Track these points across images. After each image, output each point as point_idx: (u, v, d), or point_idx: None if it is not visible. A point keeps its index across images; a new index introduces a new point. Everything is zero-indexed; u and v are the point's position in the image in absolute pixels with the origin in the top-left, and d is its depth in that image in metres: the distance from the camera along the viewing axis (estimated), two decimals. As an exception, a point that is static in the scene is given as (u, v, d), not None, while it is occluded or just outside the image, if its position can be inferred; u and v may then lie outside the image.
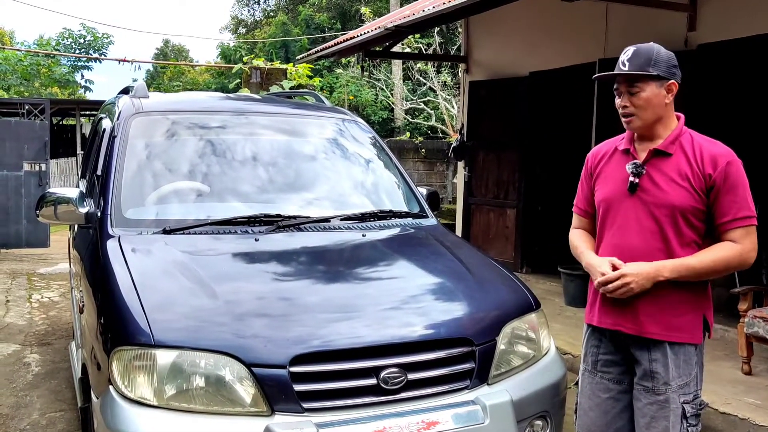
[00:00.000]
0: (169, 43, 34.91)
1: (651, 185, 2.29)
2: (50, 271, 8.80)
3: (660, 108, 2.29)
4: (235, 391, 2.24)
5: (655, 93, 2.26)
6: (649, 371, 2.31)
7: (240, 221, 3.08)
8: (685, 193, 2.25)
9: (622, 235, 2.33)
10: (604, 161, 2.47)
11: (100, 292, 2.70)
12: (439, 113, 18.10)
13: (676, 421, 2.28)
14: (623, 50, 2.32)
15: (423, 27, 8.43)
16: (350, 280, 2.84)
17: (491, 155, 8.50)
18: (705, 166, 2.24)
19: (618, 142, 2.46)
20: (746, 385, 4.41)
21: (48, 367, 4.97)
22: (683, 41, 5.89)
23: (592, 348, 2.49)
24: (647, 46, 2.30)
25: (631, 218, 2.32)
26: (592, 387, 2.48)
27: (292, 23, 25.24)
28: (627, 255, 2.30)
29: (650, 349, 2.31)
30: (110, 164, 3.29)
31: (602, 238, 2.42)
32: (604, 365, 2.45)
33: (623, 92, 2.30)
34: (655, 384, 2.30)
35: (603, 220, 2.42)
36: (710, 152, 2.27)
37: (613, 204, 2.37)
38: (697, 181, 2.25)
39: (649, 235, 2.28)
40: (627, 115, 2.31)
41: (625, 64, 2.28)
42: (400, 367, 2.34)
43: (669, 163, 2.29)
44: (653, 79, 2.25)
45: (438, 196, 4.03)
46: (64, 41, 25.77)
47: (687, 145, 2.30)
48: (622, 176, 2.36)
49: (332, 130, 3.99)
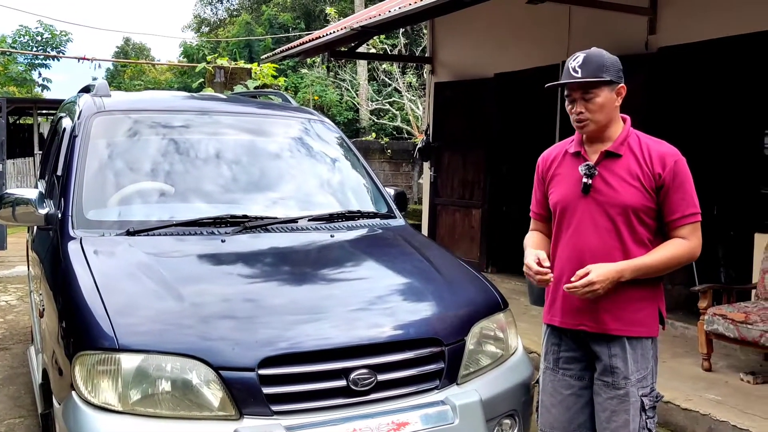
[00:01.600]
0: (130, 41, 34.32)
1: (604, 186, 2.36)
2: (7, 274, 8.56)
3: (611, 111, 2.37)
4: (203, 395, 2.21)
5: (608, 97, 2.34)
6: (609, 366, 2.37)
7: (206, 222, 3.03)
8: (636, 192, 2.33)
9: (579, 235, 2.40)
10: (556, 164, 2.53)
11: (62, 296, 2.63)
12: (405, 114, 18.15)
13: (635, 414, 2.35)
14: (571, 57, 2.37)
15: (389, 28, 8.44)
16: (319, 281, 2.82)
17: (457, 156, 8.54)
18: (654, 165, 2.33)
19: (567, 145, 2.52)
20: (707, 382, 4.50)
21: (6, 373, 4.83)
22: (644, 44, 6.01)
23: (552, 346, 2.54)
24: (596, 52, 2.36)
25: (587, 219, 2.38)
26: (554, 384, 2.53)
27: (255, 23, 25.05)
28: (586, 254, 2.36)
29: (610, 345, 2.37)
30: (71, 164, 3.21)
31: (559, 238, 2.48)
32: (565, 362, 2.50)
33: (577, 99, 2.35)
34: (615, 379, 2.37)
35: (559, 222, 2.48)
36: (658, 152, 2.36)
37: (569, 206, 2.43)
38: (647, 180, 2.33)
39: (605, 234, 2.35)
40: (582, 120, 2.37)
41: (576, 71, 2.32)
42: (369, 368, 2.33)
43: (619, 164, 2.36)
44: (606, 84, 2.32)
45: (405, 197, 4.03)
46: (20, 39, 25.14)
47: (635, 145, 2.38)
48: (574, 178, 2.42)
49: (299, 130, 3.96)
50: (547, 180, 2.55)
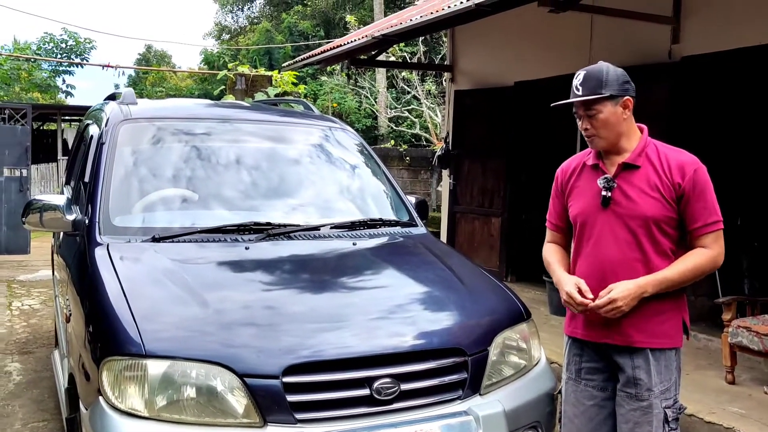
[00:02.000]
0: (151, 48, 34.71)
1: (623, 198, 2.36)
2: (30, 278, 8.67)
3: (619, 125, 2.36)
4: (227, 401, 2.22)
5: (611, 112, 2.34)
6: (633, 378, 2.36)
7: (230, 229, 3.06)
8: (656, 203, 2.32)
9: (600, 247, 2.39)
10: (575, 177, 2.53)
11: (89, 301, 2.66)
12: (423, 121, 18.16)
13: (658, 425, 2.35)
14: (576, 74, 2.39)
15: (409, 36, 8.46)
16: (343, 289, 2.83)
17: (476, 164, 8.53)
18: (673, 175, 2.32)
19: (585, 157, 2.52)
20: (730, 395, 4.45)
21: (30, 376, 4.89)
22: (667, 53, 5.97)
23: (574, 357, 2.54)
24: (596, 68, 2.37)
25: (607, 231, 2.37)
26: (576, 395, 2.52)
27: (275, 30, 25.22)
28: (607, 267, 2.36)
29: (633, 357, 2.37)
30: (98, 171, 3.25)
31: (580, 251, 2.48)
32: (587, 373, 2.50)
33: (582, 116, 2.38)
34: (639, 390, 2.36)
35: (579, 235, 2.47)
36: (677, 161, 2.35)
37: (588, 218, 2.43)
38: (666, 190, 2.32)
39: (626, 246, 2.34)
40: (589, 136, 2.39)
41: (578, 89, 2.35)
42: (393, 377, 2.33)
43: (638, 175, 2.36)
44: (607, 99, 2.33)
45: (427, 205, 4.03)
46: (45, 45, 25.53)
47: (653, 155, 2.37)
48: (594, 191, 2.42)
49: (321, 138, 3.98)
50: (566, 192, 2.56)
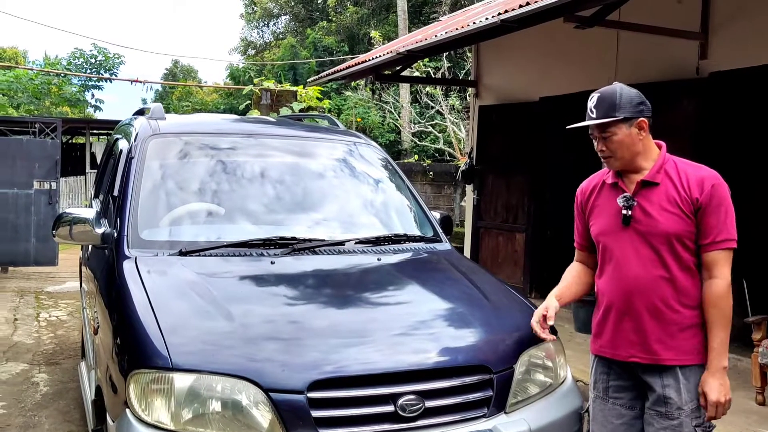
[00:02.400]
0: (178, 63, 35.25)
1: (643, 216, 2.36)
2: (58, 290, 8.80)
3: (635, 145, 2.37)
4: (252, 416, 2.22)
5: (626, 134, 2.35)
6: (663, 396, 2.34)
7: (256, 243, 3.08)
8: (677, 219, 2.31)
9: (623, 266, 2.39)
10: (594, 195, 2.54)
11: (117, 313, 2.69)
12: (447, 136, 18.16)
13: None
14: (590, 97, 2.41)
15: (434, 52, 8.50)
16: (367, 304, 2.82)
17: (500, 179, 8.50)
18: (692, 190, 2.31)
19: (605, 176, 2.53)
20: (760, 416, 4.35)
21: (56, 387, 4.95)
22: (695, 69, 5.92)
23: (601, 375, 2.51)
24: (609, 90, 2.38)
25: (629, 249, 2.37)
26: (604, 413, 2.49)
27: (300, 46, 25.47)
28: (632, 286, 2.36)
29: (662, 375, 2.34)
30: (127, 185, 3.30)
31: (604, 271, 2.48)
32: (615, 391, 2.47)
33: (597, 137, 2.39)
34: (669, 409, 2.33)
35: (603, 254, 2.48)
36: (696, 176, 2.34)
37: (610, 237, 2.43)
38: (686, 205, 2.31)
39: (649, 264, 2.34)
40: (605, 157, 2.41)
41: (593, 111, 2.37)
42: (417, 394, 2.32)
43: (657, 192, 2.36)
44: (621, 122, 2.34)
45: (451, 221, 4.02)
46: (75, 61, 26.03)
47: (672, 172, 2.37)
48: (614, 210, 2.43)
49: (346, 153, 4.01)
50: (587, 212, 2.57)
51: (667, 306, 2.33)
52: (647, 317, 2.35)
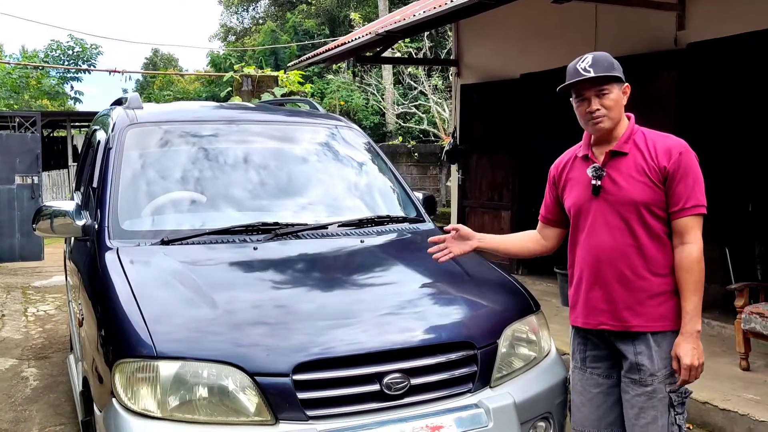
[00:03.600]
0: (158, 52, 34.90)
1: (612, 185, 2.40)
2: (45, 284, 8.76)
3: (621, 108, 2.42)
4: (239, 400, 2.24)
5: (618, 95, 2.40)
6: (635, 364, 2.39)
7: (238, 230, 3.08)
8: (644, 188, 2.35)
9: (593, 236, 2.44)
10: (567, 170, 2.59)
11: (100, 305, 2.69)
12: (431, 117, 18.14)
13: (663, 410, 2.37)
14: (578, 59, 2.41)
15: (414, 31, 8.45)
16: (350, 286, 2.84)
17: (484, 158, 8.52)
18: (660, 159, 2.35)
19: (576, 150, 2.58)
20: (745, 381, 4.43)
21: (46, 381, 4.94)
22: (673, 40, 5.93)
23: (579, 346, 2.58)
24: (603, 53, 2.42)
25: (599, 219, 2.42)
26: (582, 383, 2.56)
27: (280, 30, 25.27)
28: (601, 255, 2.41)
29: (634, 342, 2.40)
30: (106, 176, 3.28)
31: (576, 242, 2.53)
32: (592, 361, 2.54)
33: (590, 96, 2.39)
34: (642, 376, 2.38)
35: (575, 225, 2.53)
36: (664, 145, 2.38)
37: (582, 208, 2.48)
38: (654, 173, 2.35)
39: (618, 232, 2.39)
40: (597, 117, 2.39)
41: (587, 70, 2.36)
42: (402, 372, 2.35)
43: (626, 162, 2.40)
44: (617, 81, 2.39)
45: (434, 201, 4.03)
46: (52, 53, 25.71)
47: (640, 141, 2.41)
48: (585, 181, 2.47)
49: (327, 137, 4.00)
50: (560, 186, 2.61)
51: (635, 274, 2.37)
52: (616, 285, 2.39)
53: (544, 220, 2.75)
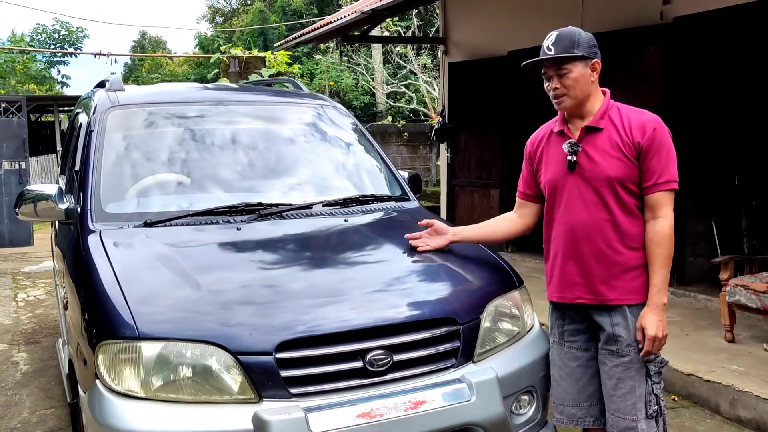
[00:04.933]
0: (146, 35, 34.55)
1: (587, 161, 2.42)
2: (35, 270, 8.74)
3: (587, 86, 2.41)
4: (222, 379, 2.25)
5: (581, 73, 2.39)
6: (612, 335, 2.44)
7: (221, 211, 3.07)
8: (619, 164, 2.38)
9: (569, 211, 2.47)
10: (543, 145, 2.60)
11: (83, 288, 2.69)
12: (421, 96, 18.08)
13: (641, 380, 2.42)
14: (547, 36, 2.42)
15: (400, 9, 8.41)
16: (333, 265, 2.84)
17: (473, 136, 8.51)
18: (634, 134, 2.37)
19: (552, 125, 2.59)
20: (729, 353, 4.48)
21: (36, 365, 4.95)
22: (658, 15, 5.92)
23: (557, 321, 2.63)
24: (568, 30, 2.42)
25: (575, 194, 2.45)
26: (561, 357, 2.61)
27: (269, 10, 25.04)
28: (577, 229, 2.45)
29: (611, 314, 2.44)
30: (88, 159, 3.27)
31: (552, 217, 2.55)
32: (570, 335, 2.58)
33: (552, 75, 2.42)
34: (619, 347, 2.43)
35: (550, 201, 2.55)
36: (638, 121, 2.39)
37: (558, 184, 2.50)
38: (628, 149, 2.37)
39: (593, 207, 2.41)
40: (558, 95, 2.43)
41: (550, 48, 2.39)
42: (385, 348, 2.35)
43: (601, 137, 2.41)
44: (578, 59, 2.38)
45: (420, 179, 4.03)
46: (38, 37, 25.41)
47: (615, 117, 2.42)
48: (560, 157, 2.49)
49: (311, 117, 3.98)
50: (536, 161, 2.63)
51: (610, 248, 2.41)
52: (591, 259, 2.43)
53: (522, 196, 2.78)
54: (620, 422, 2.45)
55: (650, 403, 2.42)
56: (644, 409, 2.42)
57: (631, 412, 2.42)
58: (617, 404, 2.45)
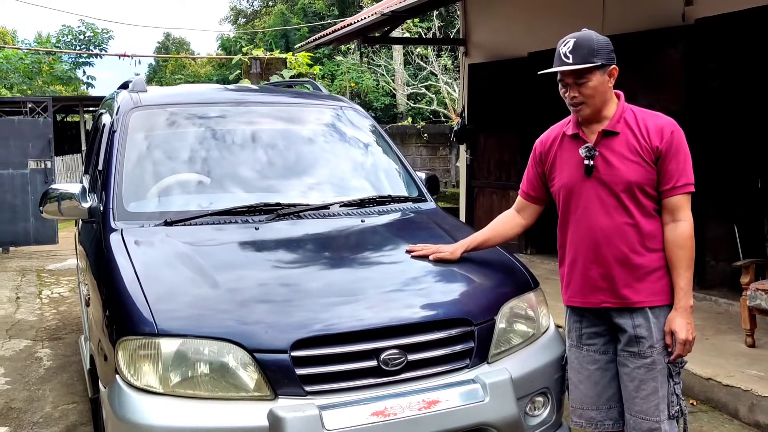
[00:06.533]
0: (170, 36, 34.90)
1: (605, 165, 2.40)
2: (59, 267, 8.89)
3: (605, 93, 2.39)
4: (239, 376, 2.29)
5: (600, 81, 2.36)
6: (635, 336, 2.42)
7: (240, 211, 3.11)
8: (638, 168, 2.37)
9: (588, 216, 2.44)
10: (555, 148, 2.56)
11: (105, 285, 2.74)
12: (441, 97, 18.07)
13: (663, 381, 2.41)
14: (561, 41, 2.38)
15: (420, 11, 8.44)
16: (349, 265, 2.87)
17: (492, 137, 8.50)
18: (652, 138, 2.36)
19: (564, 127, 2.55)
20: (749, 358, 4.43)
21: (59, 361, 5.04)
22: (680, 16, 5.87)
23: (574, 324, 2.60)
24: (586, 36, 2.36)
25: (594, 199, 2.42)
26: (579, 360, 2.59)
27: (290, 12, 25.17)
28: (598, 233, 2.42)
29: (633, 316, 2.43)
30: (111, 159, 3.33)
31: (568, 222, 2.52)
32: (588, 338, 2.56)
33: (570, 84, 2.38)
34: (641, 348, 2.42)
35: (566, 206, 2.52)
36: (655, 124, 2.38)
37: (574, 188, 2.47)
38: (646, 153, 2.36)
39: (614, 211, 2.40)
40: (577, 104, 2.40)
41: (567, 56, 2.34)
42: (399, 348, 2.38)
43: (618, 141, 2.40)
44: (597, 68, 2.34)
45: (437, 180, 4.05)
46: (64, 38, 25.80)
47: (631, 120, 2.41)
48: (576, 161, 2.46)
49: (330, 118, 4.01)
50: (547, 164, 2.59)
51: (633, 251, 2.40)
52: (614, 263, 2.41)
53: (525, 197, 2.76)
54: (643, 424, 2.43)
55: (672, 403, 2.42)
56: (667, 410, 2.41)
57: (654, 414, 2.41)
58: (640, 406, 2.43)
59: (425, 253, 2.82)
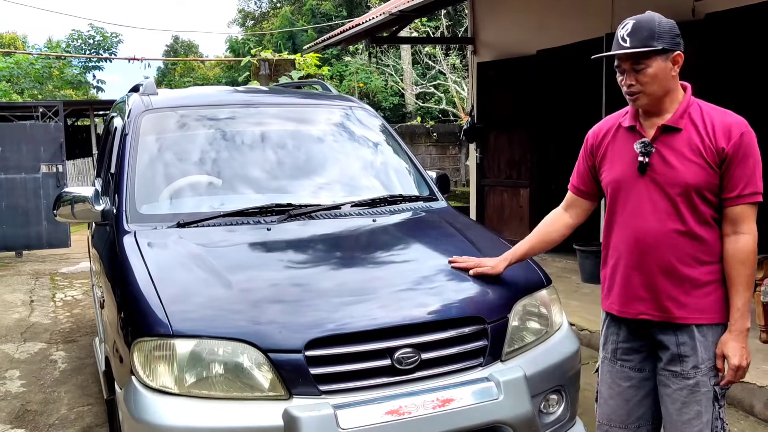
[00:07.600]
0: (178, 39, 35.04)
1: (662, 164, 2.16)
2: (72, 270, 8.95)
3: (667, 81, 2.13)
4: (254, 376, 2.30)
5: (661, 67, 2.11)
6: (678, 355, 2.21)
7: (251, 212, 3.13)
8: (699, 170, 2.12)
9: (636, 218, 2.22)
10: (608, 140, 2.32)
11: (119, 287, 2.76)
12: (450, 96, 18.05)
13: (708, 404, 2.19)
14: (621, 24, 2.19)
15: (427, 10, 8.43)
16: (361, 264, 2.87)
17: (502, 136, 8.49)
18: (718, 138, 2.11)
19: (621, 118, 2.31)
20: (764, 353, 4.39)
21: (74, 364, 5.08)
22: (690, 11, 5.84)
23: (611, 336, 2.39)
24: (647, 18, 2.14)
25: (644, 200, 2.20)
26: (612, 375, 2.39)
27: (298, 13, 25.23)
28: (646, 239, 2.20)
29: (677, 333, 2.21)
30: (123, 161, 3.35)
31: (614, 221, 2.30)
32: (624, 353, 2.35)
33: (627, 70, 2.15)
34: (684, 368, 2.20)
35: (613, 203, 2.30)
36: (723, 123, 2.13)
37: (624, 186, 2.25)
38: (710, 154, 2.11)
39: (665, 216, 2.17)
40: (633, 93, 2.16)
41: (625, 40, 2.11)
42: (413, 347, 2.38)
43: (679, 139, 2.15)
44: (659, 53, 2.10)
45: (448, 179, 4.04)
46: (73, 42, 25.96)
47: (697, 117, 2.15)
48: (630, 156, 2.23)
49: (339, 118, 4.02)
50: (598, 156, 2.36)
51: (681, 262, 2.17)
52: (659, 273, 2.19)
53: (576, 192, 2.50)
54: None
55: (716, 428, 2.19)
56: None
57: None
58: (681, 430, 2.22)
59: (467, 266, 2.71)
